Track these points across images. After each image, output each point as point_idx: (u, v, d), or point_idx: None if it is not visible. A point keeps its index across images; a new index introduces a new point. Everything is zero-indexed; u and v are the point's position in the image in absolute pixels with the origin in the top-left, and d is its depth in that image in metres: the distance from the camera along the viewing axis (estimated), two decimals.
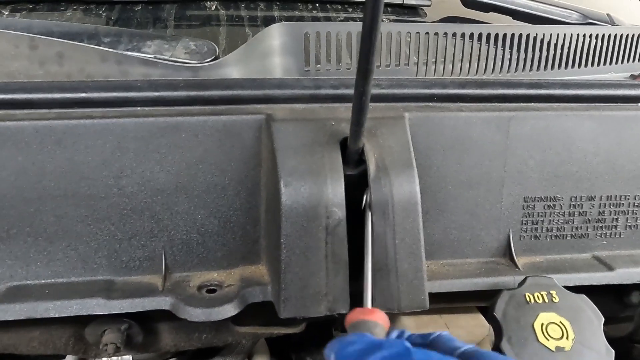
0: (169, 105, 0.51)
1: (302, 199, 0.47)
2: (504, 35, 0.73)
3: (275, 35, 0.64)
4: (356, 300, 0.50)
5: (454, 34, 0.71)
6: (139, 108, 0.51)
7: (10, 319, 0.48)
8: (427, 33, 0.70)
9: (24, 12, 0.80)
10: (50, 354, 0.60)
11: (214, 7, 0.87)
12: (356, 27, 0.68)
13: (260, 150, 0.52)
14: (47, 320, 0.50)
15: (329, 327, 0.84)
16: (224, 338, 0.63)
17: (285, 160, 0.48)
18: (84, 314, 0.49)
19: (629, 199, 0.58)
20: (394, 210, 0.47)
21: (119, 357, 0.69)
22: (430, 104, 0.56)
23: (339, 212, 0.47)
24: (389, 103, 0.55)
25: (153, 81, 0.52)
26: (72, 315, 0.49)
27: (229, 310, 0.49)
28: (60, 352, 0.59)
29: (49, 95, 0.50)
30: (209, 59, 0.63)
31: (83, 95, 0.50)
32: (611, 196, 0.58)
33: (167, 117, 0.50)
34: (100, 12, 0.83)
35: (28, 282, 0.51)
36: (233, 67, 0.61)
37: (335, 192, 0.47)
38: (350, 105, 0.51)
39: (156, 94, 0.51)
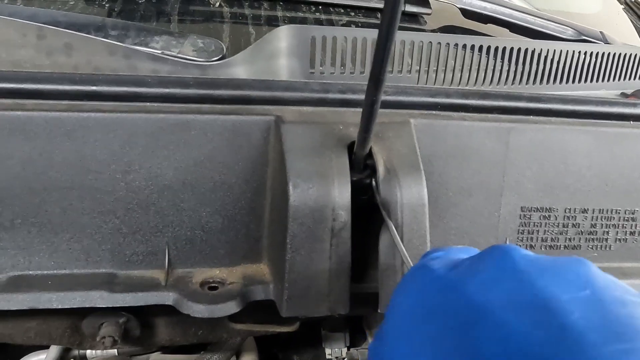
0: (179, 103, 0.52)
1: (309, 200, 0.48)
2: (504, 49, 0.75)
3: (283, 38, 0.65)
4: (356, 301, 0.52)
5: (456, 45, 0.73)
6: (148, 104, 0.51)
7: (13, 309, 0.48)
8: (430, 42, 0.71)
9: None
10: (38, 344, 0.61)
11: (217, 4, 0.87)
12: (361, 33, 0.69)
13: (268, 150, 0.52)
14: (45, 311, 0.50)
15: (317, 326, 0.85)
16: (219, 334, 0.63)
17: (294, 162, 0.48)
18: (87, 306, 0.49)
19: (619, 212, 0.61)
20: (402, 211, 0.48)
21: (104, 351, 0.69)
22: (434, 112, 0.58)
23: (345, 215, 0.48)
24: (394, 109, 0.57)
25: (164, 78, 0.53)
26: (74, 307, 0.49)
27: (232, 307, 0.50)
28: (55, 343, 0.59)
29: (59, 87, 0.50)
30: (216, 58, 0.63)
31: (94, 88, 0.50)
32: (603, 209, 0.60)
33: (177, 115, 0.50)
34: (104, 2, 0.82)
35: (30, 272, 0.51)
36: (240, 67, 0.62)
37: (342, 195, 0.48)
38: (357, 110, 0.52)
39: (167, 90, 0.52)
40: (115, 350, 0.68)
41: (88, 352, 0.69)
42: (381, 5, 0.95)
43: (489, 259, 0.30)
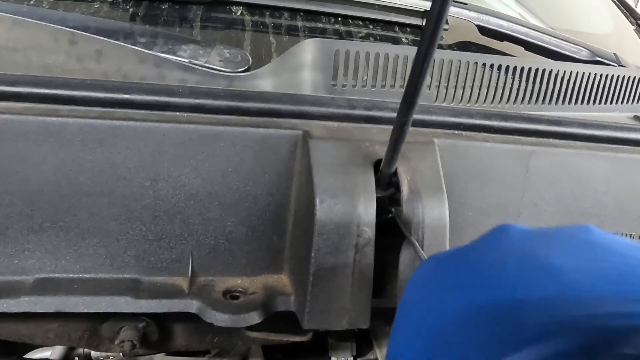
0: (208, 113, 0.53)
1: (335, 216, 0.49)
2: (522, 68, 0.76)
3: (308, 51, 0.65)
4: (374, 315, 0.52)
5: (475, 63, 0.74)
6: (178, 113, 0.52)
7: (40, 311, 0.48)
8: (451, 60, 0.72)
9: (51, 1, 0.80)
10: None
11: (239, 12, 0.88)
12: (383, 49, 0.70)
13: (294, 164, 0.53)
14: (67, 313, 0.50)
15: (324, 335, 0.86)
16: (235, 342, 0.64)
17: (322, 178, 0.49)
18: (112, 311, 0.50)
19: (633, 237, 0.62)
20: (423, 231, 0.49)
21: (108, 354, 0.70)
22: (457, 132, 0.59)
23: (369, 231, 0.49)
24: (418, 128, 0.58)
25: (194, 88, 0.53)
26: (100, 311, 0.50)
27: (254, 317, 0.51)
28: (73, 344, 0.60)
29: (93, 94, 0.50)
30: (242, 68, 0.64)
31: (126, 96, 0.51)
32: (617, 233, 0.61)
33: (207, 126, 0.51)
34: (128, 7, 0.83)
35: (56, 275, 0.51)
36: (266, 79, 0.63)
37: (367, 212, 0.49)
38: (382, 127, 0.53)
39: (197, 101, 0.52)
40: (120, 354, 0.69)
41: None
42: (399, 19, 0.96)
43: (490, 239, 0.33)
